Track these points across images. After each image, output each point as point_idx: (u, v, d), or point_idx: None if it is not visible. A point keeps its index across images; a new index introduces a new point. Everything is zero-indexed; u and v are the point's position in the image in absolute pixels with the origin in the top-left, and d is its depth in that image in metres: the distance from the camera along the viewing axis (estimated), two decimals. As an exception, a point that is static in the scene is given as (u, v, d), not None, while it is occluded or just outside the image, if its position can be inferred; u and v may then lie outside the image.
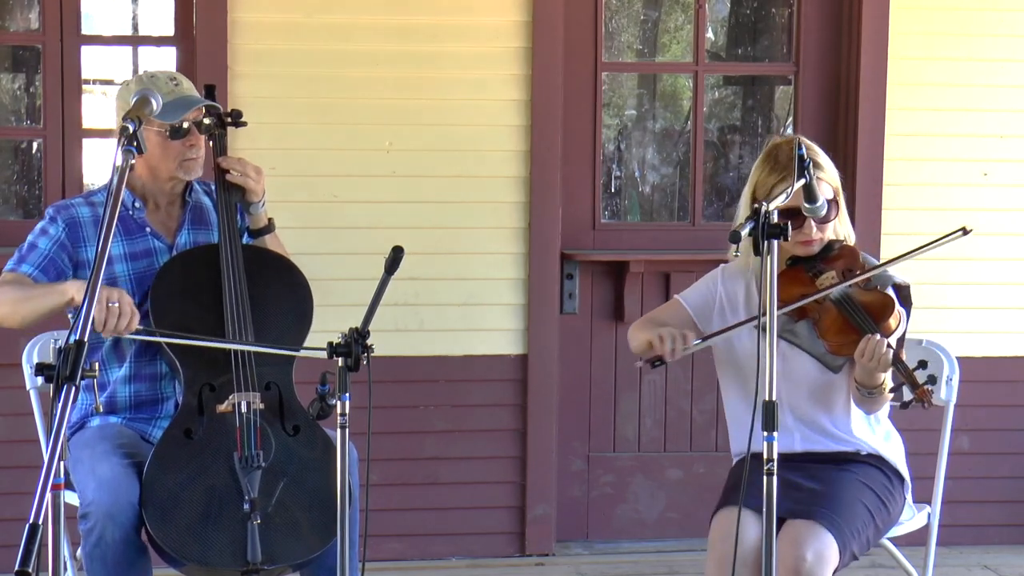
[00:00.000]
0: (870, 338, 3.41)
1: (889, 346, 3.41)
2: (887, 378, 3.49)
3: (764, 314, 3.04)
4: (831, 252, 3.62)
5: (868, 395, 3.52)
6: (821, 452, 3.63)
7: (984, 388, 5.24)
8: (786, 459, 3.53)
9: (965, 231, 3.49)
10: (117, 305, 3.38)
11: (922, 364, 3.42)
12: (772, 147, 3.62)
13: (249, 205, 3.76)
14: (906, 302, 3.59)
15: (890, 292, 3.58)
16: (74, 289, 3.49)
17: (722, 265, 3.75)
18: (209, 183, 3.84)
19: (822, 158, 3.60)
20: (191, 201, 3.80)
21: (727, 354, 3.68)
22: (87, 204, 3.73)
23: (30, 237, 3.70)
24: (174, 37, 5.12)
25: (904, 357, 3.47)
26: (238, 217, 3.74)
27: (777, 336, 3.57)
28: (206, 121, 3.70)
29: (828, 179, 3.58)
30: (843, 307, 3.53)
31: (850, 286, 3.56)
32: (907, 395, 3.40)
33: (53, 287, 3.54)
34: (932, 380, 3.40)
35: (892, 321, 3.49)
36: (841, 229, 3.65)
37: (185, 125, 3.64)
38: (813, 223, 3.55)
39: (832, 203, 3.57)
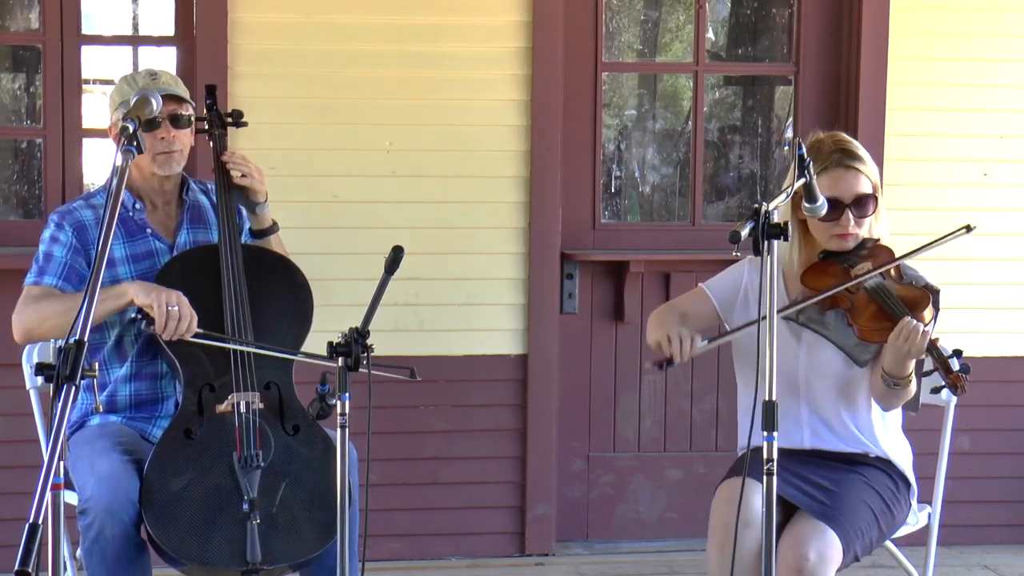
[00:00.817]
0: (908, 320, 3.38)
1: (926, 331, 3.38)
2: (913, 370, 3.46)
3: (764, 318, 3.01)
4: (863, 249, 3.59)
5: (894, 386, 3.47)
6: (830, 451, 3.62)
7: (984, 388, 5.22)
8: (794, 453, 3.53)
9: (969, 228, 3.50)
10: (177, 309, 3.37)
11: (957, 352, 3.38)
12: (815, 141, 3.61)
13: (255, 206, 3.74)
14: (935, 307, 3.55)
15: None
16: (133, 290, 3.46)
17: (749, 256, 3.70)
18: (206, 183, 3.83)
19: (862, 152, 3.60)
20: (188, 200, 3.79)
21: (746, 344, 3.63)
22: (88, 206, 3.71)
23: (42, 247, 3.65)
24: (174, 37, 5.12)
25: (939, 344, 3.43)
26: (237, 217, 3.73)
27: (804, 326, 3.57)
28: (191, 117, 3.67)
29: (868, 173, 3.57)
30: (878, 295, 3.50)
31: (885, 277, 3.53)
32: (938, 381, 3.38)
33: (108, 291, 3.48)
34: (966, 369, 3.36)
35: (927, 313, 3.46)
36: (877, 229, 3.62)
37: (157, 118, 3.55)
38: (852, 216, 3.53)
39: (871, 198, 3.56)
